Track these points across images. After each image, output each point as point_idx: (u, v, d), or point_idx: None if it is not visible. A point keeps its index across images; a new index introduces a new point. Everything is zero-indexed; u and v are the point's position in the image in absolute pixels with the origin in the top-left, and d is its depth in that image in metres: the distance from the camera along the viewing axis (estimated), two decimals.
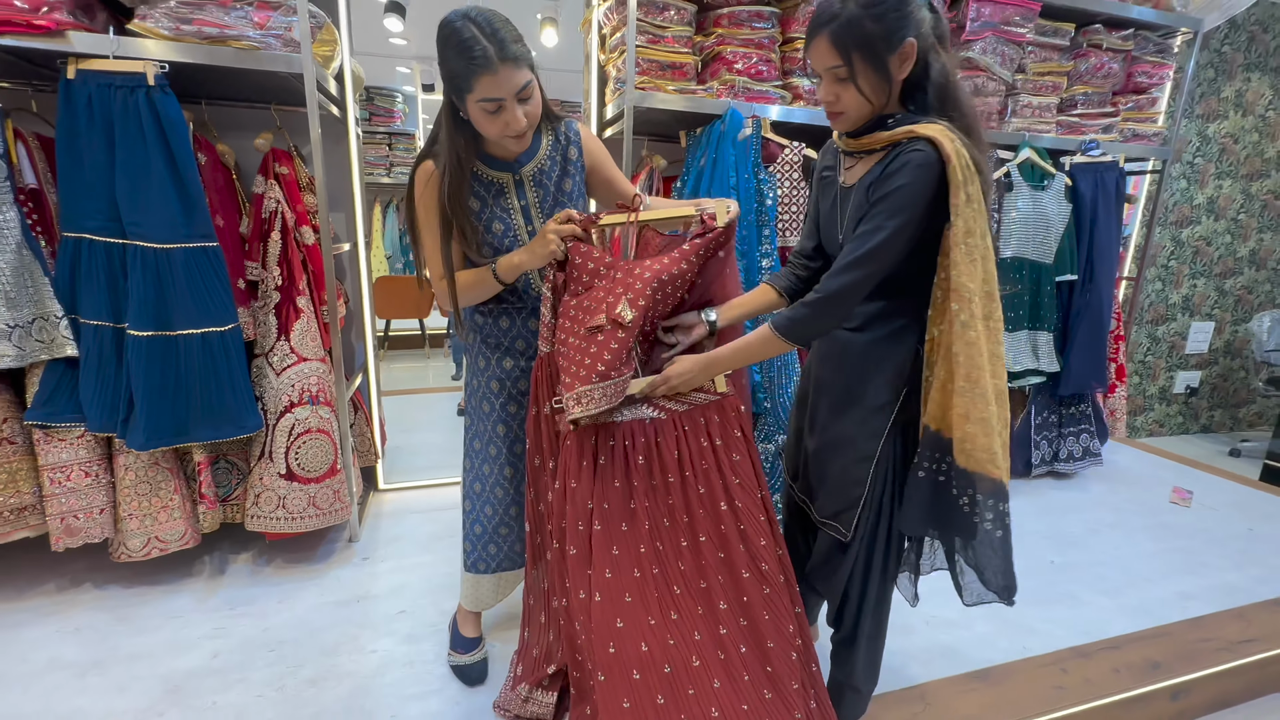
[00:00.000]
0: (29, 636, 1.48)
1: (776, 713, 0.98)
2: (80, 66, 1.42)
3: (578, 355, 1.04)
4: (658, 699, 0.95)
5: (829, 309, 0.97)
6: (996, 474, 0.95)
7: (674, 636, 1.00)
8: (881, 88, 0.94)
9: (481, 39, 1.00)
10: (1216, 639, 1.63)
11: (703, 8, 2.01)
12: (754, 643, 1.02)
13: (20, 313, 1.47)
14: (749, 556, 1.05)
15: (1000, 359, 0.96)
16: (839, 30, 0.91)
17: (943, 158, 0.89)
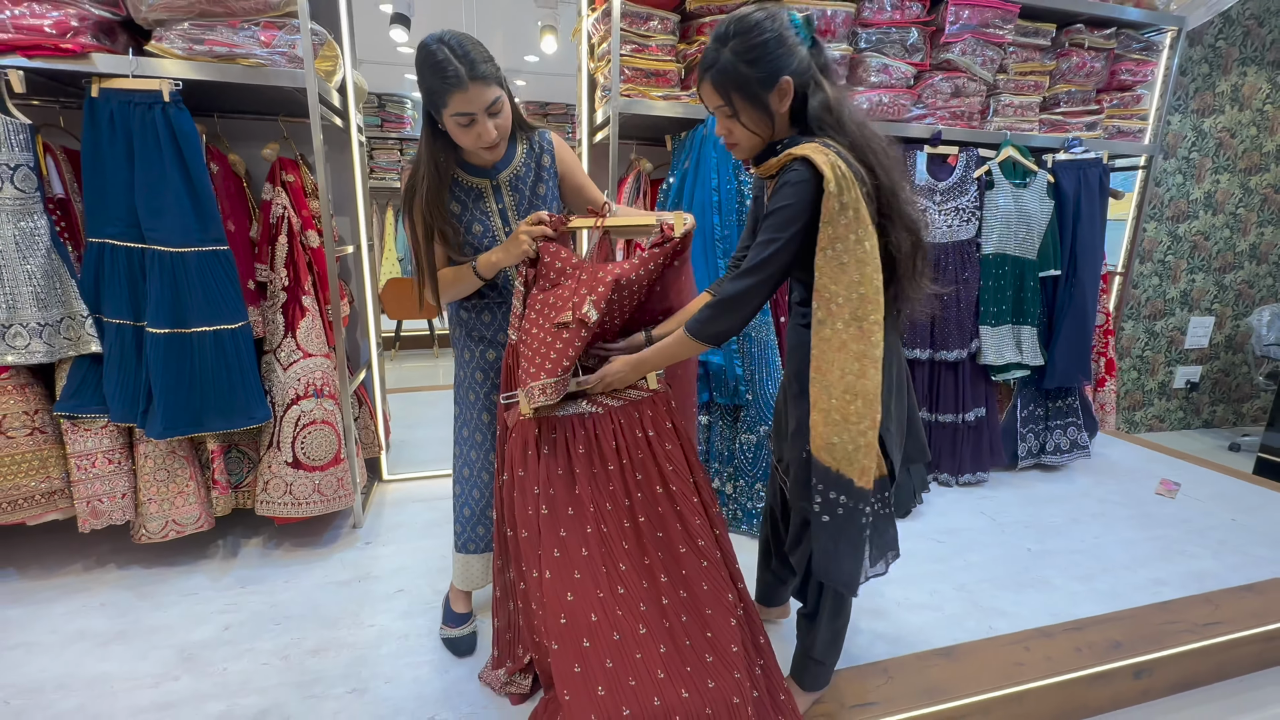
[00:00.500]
0: (59, 610, 1.61)
1: (717, 674, 1.06)
2: (103, 85, 1.55)
3: (543, 349, 1.14)
4: (606, 663, 1.04)
5: (729, 310, 1.06)
6: (829, 462, 1.02)
7: (621, 608, 1.09)
8: (763, 121, 1.04)
9: (454, 60, 1.10)
10: (1182, 621, 1.68)
11: (685, 17, 2.09)
12: (694, 611, 1.11)
13: (50, 313, 1.60)
14: (685, 534, 1.14)
15: (868, 359, 0.99)
16: (717, 75, 1.02)
17: (817, 172, 0.97)
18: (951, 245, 2.37)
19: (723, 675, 1.06)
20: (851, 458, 1.02)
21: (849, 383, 1.00)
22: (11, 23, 1.51)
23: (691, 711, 1.03)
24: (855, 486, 1.03)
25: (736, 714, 1.04)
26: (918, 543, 2.04)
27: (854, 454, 1.01)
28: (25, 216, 1.55)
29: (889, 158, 1.04)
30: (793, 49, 1.00)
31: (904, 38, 2.23)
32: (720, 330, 1.08)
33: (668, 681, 1.04)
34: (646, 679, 1.04)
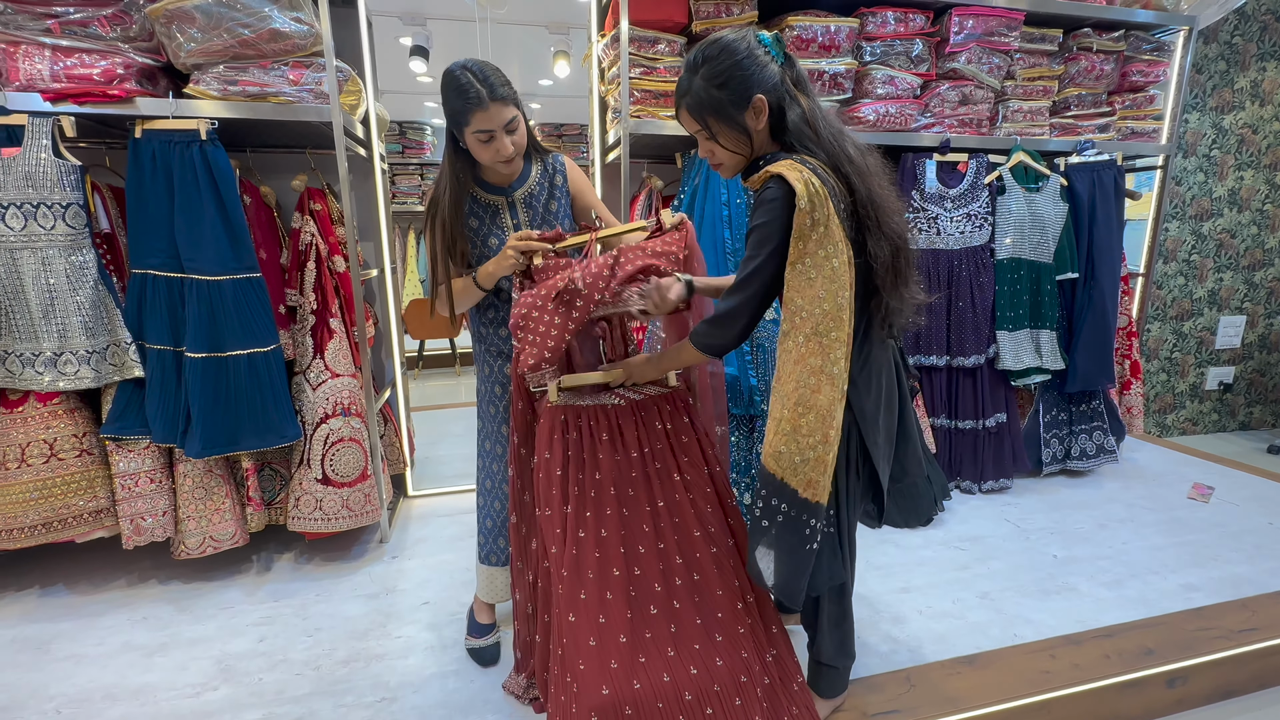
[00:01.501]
0: (105, 623, 1.68)
1: (726, 653, 1.12)
2: (145, 126, 1.66)
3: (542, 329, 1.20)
4: (620, 639, 1.08)
5: (722, 326, 1.09)
6: (776, 471, 1.03)
7: (635, 588, 1.13)
8: (741, 140, 1.08)
9: (476, 83, 1.21)
10: (1216, 628, 1.64)
11: (691, 39, 2.15)
12: (705, 593, 1.16)
13: (97, 340, 1.69)
14: (699, 521, 1.20)
15: (827, 375, 1.00)
16: (692, 103, 1.06)
17: (790, 189, 0.99)
18: (965, 251, 2.38)
19: (731, 654, 1.11)
20: (797, 468, 1.02)
21: (802, 396, 1.02)
22: (64, 73, 1.63)
23: (699, 688, 1.07)
24: (799, 497, 1.03)
25: (744, 691, 1.09)
26: (940, 550, 2.03)
27: (800, 465, 1.02)
28: (75, 251, 1.65)
29: (865, 166, 1.06)
30: (763, 67, 1.04)
31: (909, 49, 2.26)
32: (715, 344, 1.12)
33: (677, 659, 1.08)
34: (657, 656, 1.08)
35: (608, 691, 1.04)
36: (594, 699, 1.03)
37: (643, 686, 1.05)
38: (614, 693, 1.04)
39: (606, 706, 1.03)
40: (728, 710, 1.09)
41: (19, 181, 1.59)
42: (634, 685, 1.05)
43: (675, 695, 1.06)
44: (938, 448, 2.43)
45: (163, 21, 1.63)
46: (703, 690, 1.07)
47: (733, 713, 1.09)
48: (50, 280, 1.64)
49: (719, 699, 1.08)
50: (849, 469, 1.12)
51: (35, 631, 1.65)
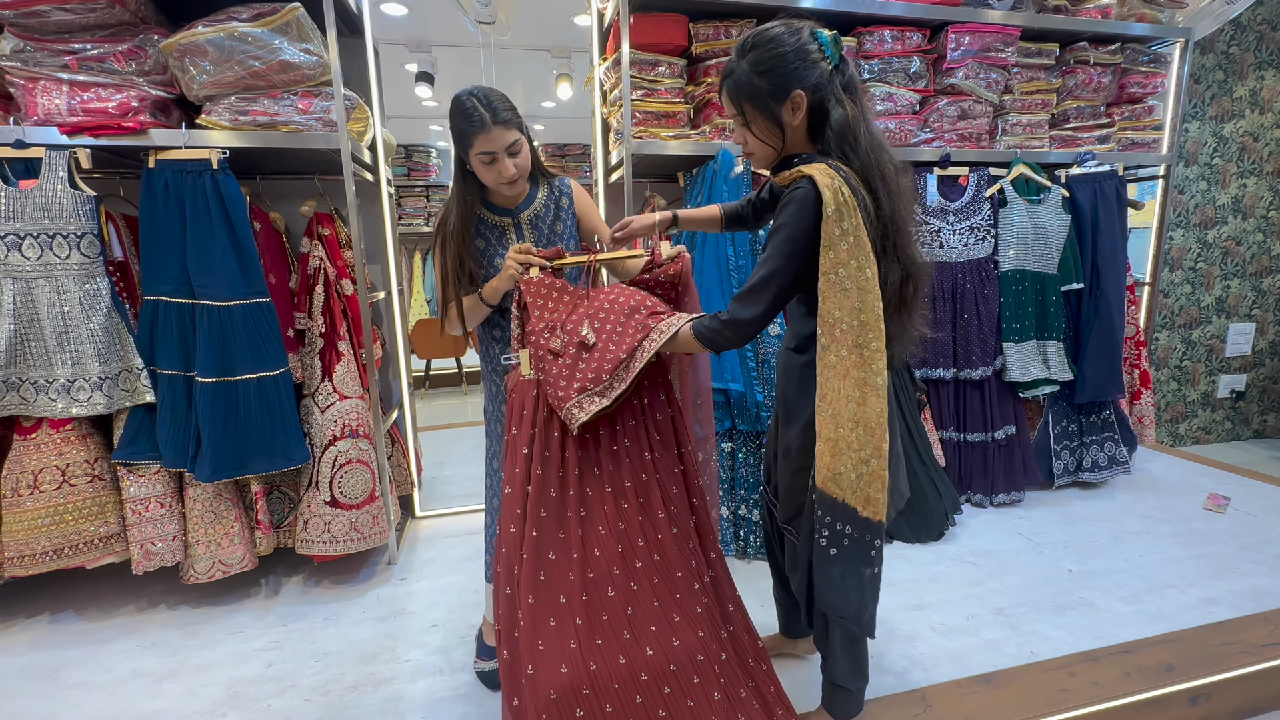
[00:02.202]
0: (115, 650, 1.68)
1: (683, 633, 1.13)
2: (159, 157, 1.70)
3: (565, 378, 1.19)
4: (577, 620, 1.10)
5: (736, 330, 1.06)
6: (836, 493, 1.00)
7: (593, 570, 1.14)
8: (774, 133, 1.06)
9: (480, 108, 1.25)
10: (1239, 642, 1.60)
11: (692, 60, 2.19)
12: (665, 574, 1.18)
13: (110, 367, 1.72)
14: (663, 501, 1.21)
15: (871, 386, 0.99)
16: (732, 85, 1.06)
17: (819, 194, 0.98)
18: (969, 264, 2.38)
19: (688, 634, 1.13)
20: (855, 486, 1.00)
21: (852, 411, 1.00)
22: (81, 107, 1.67)
23: (655, 668, 1.10)
24: (860, 516, 1.01)
25: (700, 669, 1.11)
26: (952, 566, 2.00)
27: (857, 483, 1.00)
28: (89, 279, 1.68)
29: (898, 186, 1.05)
30: (812, 64, 1.01)
31: (906, 66, 2.29)
32: (721, 341, 1.09)
33: (633, 641, 1.10)
34: (613, 639, 1.10)
35: (566, 670, 1.07)
36: (553, 678, 1.06)
37: (599, 668, 1.08)
38: (572, 672, 1.07)
39: (565, 686, 1.06)
40: (685, 688, 1.11)
41: (36, 213, 1.62)
42: (590, 666, 1.07)
43: (631, 676, 1.09)
44: (947, 461, 2.41)
45: (176, 55, 1.67)
46: (659, 670, 1.10)
47: (690, 690, 1.12)
48: (65, 308, 1.66)
49: (675, 678, 1.11)
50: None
51: (45, 659, 1.65)
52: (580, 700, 1.06)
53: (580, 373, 1.18)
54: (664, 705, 1.09)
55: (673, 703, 1.10)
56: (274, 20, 1.68)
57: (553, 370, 1.20)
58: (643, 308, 1.21)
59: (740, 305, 1.06)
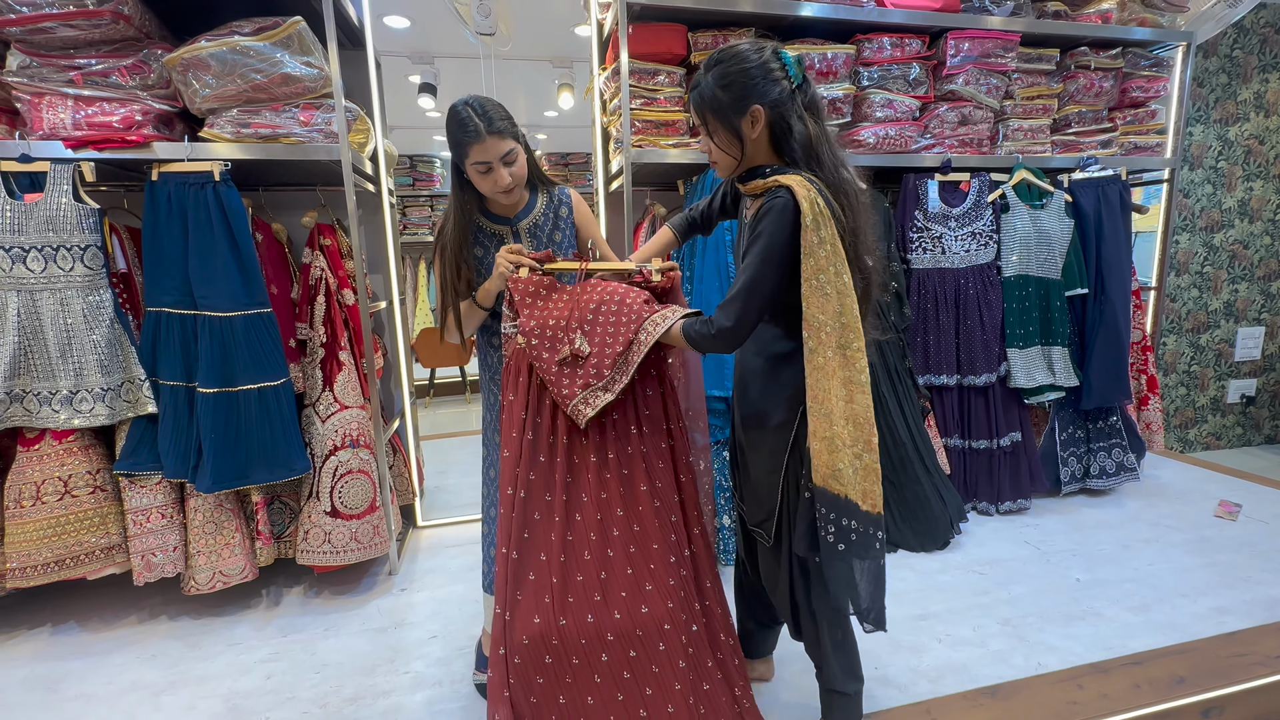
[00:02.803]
0: (115, 661, 1.68)
1: (652, 601, 1.18)
2: (162, 169, 1.71)
3: (568, 377, 1.24)
4: (553, 579, 1.18)
5: (724, 336, 1.09)
6: (838, 489, 1.03)
7: (573, 534, 1.21)
8: (734, 144, 1.11)
9: (474, 118, 1.26)
10: (1252, 653, 1.57)
11: (691, 69, 2.20)
12: (642, 545, 1.23)
13: (112, 378, 1.72)
14: (647, 474, 1.26)
15: (857, 384, 1.04)
16: (696, 97, 1.11)
17: (797, 204, 1.02)
18: (971, 269, 2.37)
19: (657, 603, 1.18)
20: (854, 481, 1.04)
21: (842, 409, 1.04)
22: (86, 121, 1.69)
23: (622, 631, 1.16)
24: (861, 509, 1.04)
25: (666, 638, 1.17)
26: (957, 575, 1.97)
27: (854, 477, 1.04)
28: (93, 291, 1.70)
29: (859, 203, 1.10)
30: (773, 81, 1.06)
31: (906, 73, 2.29)
32: (706, 347, 1.12)
33: (603, 603, 1.17)
34: (584, 599, 1.17)
35: (538, 621, 1.15)
36: (526, 626, 1.14)
37: (568, 624, 1.15)
38: (543, 623, 1.14)
39: (536, 636, 1.14)
40: (651, 653, 1.17)
41: (40, 225, 1.64)
42: (560, 621, 1.15)
43: (598, 635, 1.16)
44: (952, 468, 2.39)
45: (179, 70, 1.69)
46: (625, 633, 1.16)
47: (655, 656, 1.17)
48: (68, 320, 1.68)
49: (641, 643, 1.17)
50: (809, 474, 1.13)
51: (46, 670, 1.65)
52: (549, 649, 1.15)
53: (582, 371, 1.22)
54: (628, 667, 1.17)
55: (637, 665, 1.17)
56: (276, 34, 1.70)
57: (553, 370, 1.23)
58: (635, 300, 1.24)
59: (724, 313, 1.08)
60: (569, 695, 1.15)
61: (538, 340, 1.24)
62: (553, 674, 1.15)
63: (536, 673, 1.15)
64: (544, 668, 1.15)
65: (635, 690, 1.17)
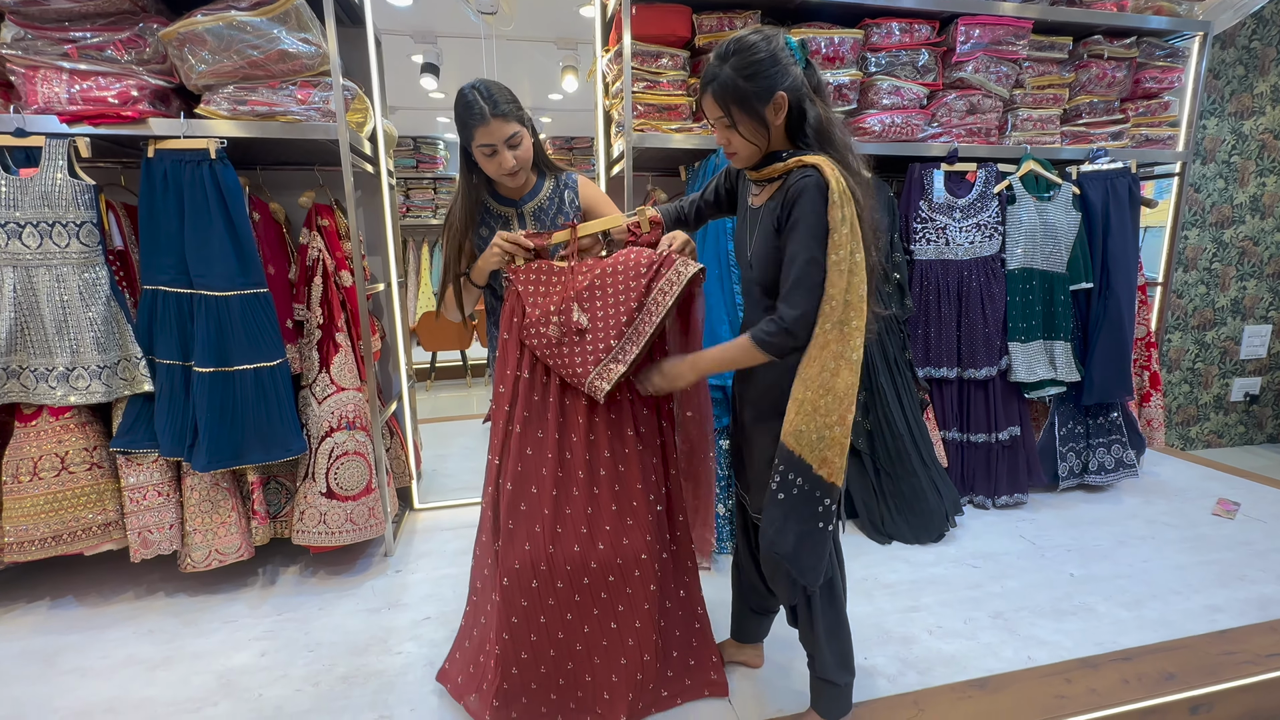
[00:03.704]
0: (112, 636, 1.70)
1: (633, 535, 1.29)
2: (158, 146, 1.70)
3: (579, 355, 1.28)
4: (544, 510, 1.28)
5: (797, 326, 1.08)
6: (795, 449, 1.09)
7: (563, 470, 1.30)
8: (760, 132, 1.10)
9: (480, 101, 1.28)
10: (1242, 651, 1.57)
11: (695, 53, 2.16)
12: (626, 484, 1.32)
13: (108, 355, 1.72)
14: (633, 421, 1.34)
15: (847, 361, 1.06)
16: (718, 89, 1.09)
17: (826, 181, 1.04)
18: (975, 261, 2.34)
19: (636, 536, 1.28)
20: (815, 446, 1.08)
21: (824, 380, 1.07)
22: (81, 95, 1.67)
23: (604, 560, 1.27)
24: (813, 473, 1.08)
25: (642, 567, 1.28)
26: (951, 568, 1.97)
27: (817, 443, 1.08)
28: (88, 268, 1.69)
29: (866, 188, 1.10)
30: (787, 68, 1.07)
31: (914, 59, 2.25)
32: (786, 349, 1.10)
33: (588, 535, 1.27)
34: (571, 530, 1.27)
35: (529, 548, 1.26)
36: (518, 553, 1.26)
37: (556, 552, 1.26)
38: (533, 550, 1.26)
39: (526, 561, 1.25)
40: (627, 579, 1.29)
41: (36, 201, 1.63)
42: (549, 549, 1.26)
43: (583, 563, 1.27)
44: (949, 461, 2.38)
45: (175, 44, 1.67)
46: (606, 562, 1.27)
47: (631, 581, 1.29)
48: (64, 297, 1.67)
49: (620, 570, 1.28)
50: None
51: (43, 644, 1.67)
52: (537, 574, 1.26)
53: (591, 349, 1.26)
54: (606, 589, 1.29)
55: (613, 589, 1.29)
56: (273, 9, 1.67)
57: (563, 353, 1.28)
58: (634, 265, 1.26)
59: (788, 304, 1.08)
60: (550, 615, 1.28)
61: (544, 328, 1.28)
62: (536, 597, 1.26)
63: (522, 596, 1.25)
64: (529, 591, 1.26)
65: (609, 608, 1.29)
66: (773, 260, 1.13)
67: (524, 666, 1.28)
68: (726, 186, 1.36)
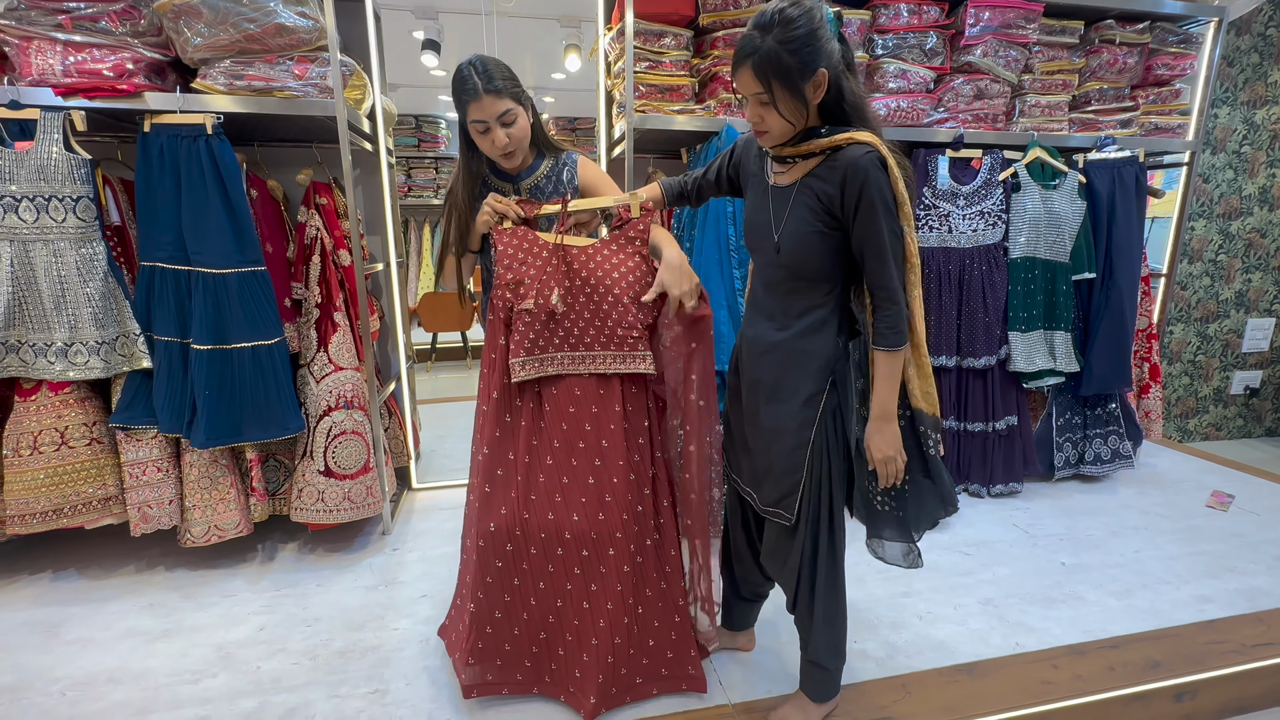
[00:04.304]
0: (112, 609, 1.72)
1: (609, 510, 1.28)
2: (154, 121, 1.68)
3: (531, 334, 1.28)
4: (518, 477, 1.30)
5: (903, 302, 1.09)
6: (929, 409, 1.15)
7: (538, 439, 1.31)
8: (799, 110, 1.06)
9: (474, 76, 1.27)
10: (1228, 641, 1.59)
11: (699, 32, 2.12)
12: (607, 461, 1.30)
13: (107, 331, 1.72)
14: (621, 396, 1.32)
15: (919, 318, 1.13)
16: (759, 62, 1.02)
17: (884, 158, 1.03)
18: (977, 250, 2.32)
19: (613, 514, 1.28)
20: (931, 398, 1.14)
21: (919, 341, 1.12)
22: (75, 68, 1.65)
23: (578, 533, 1.28)
24: (937, 420, 1.16)
25: (617, 545, 1.28)
26: (943, 555, 1.99)
27: (933, 396, 1.15)
28: (85, 243, 1.68)
29: (902, 157, 1.09)
30: (828, 42, 1.03)
31: (922, 42, 2.21)
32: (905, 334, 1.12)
33: (563, 505, 1.28)
34: (545, 499, 1.29)
35: (504, 512, 1.27)
36: (493, 516, 1.28)
37: (530, 519, 1.28)
38: (508, 514, 1.27)
39: (501, 525, 1.27)
40: (601, 556, 1.29)
41: (32, 175, 1.62)
42: (524, 515, 1.27)
43: (557, 533, 1.28)
44: (945, 450, 2.38)
45: (170, 16, 1.64)
46: (581, 535, 1.28)
47: (605, 559, 1.29)
48: (61, 272, 1.67)
49: (594, 545, 1.28)
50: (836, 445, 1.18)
51: (47, 615, 1.70)
52: (511, 539, 1.28)
53: (539, 335, 1.28)
54: (580, 564, 1.29)
55: (587, 564, 1.29)
56: None
57: (518, 324, 1.28)
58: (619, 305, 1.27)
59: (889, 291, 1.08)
60: (523, 579, 1.30)
61: (512, 294, 1.29)
62: (511, 560, 1.29)
63: (496, 557, 1.28)
64: (504, 554, 1.28)
65: (582, 584, 1.30)
66: (812, 240, 1.09)
67: (498, 627, 1.31)
68: (730, 169, 1.32)
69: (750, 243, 1.24)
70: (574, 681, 1.33)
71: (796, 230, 1.11)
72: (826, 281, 1.13)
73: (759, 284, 1.24)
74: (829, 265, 1.12)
